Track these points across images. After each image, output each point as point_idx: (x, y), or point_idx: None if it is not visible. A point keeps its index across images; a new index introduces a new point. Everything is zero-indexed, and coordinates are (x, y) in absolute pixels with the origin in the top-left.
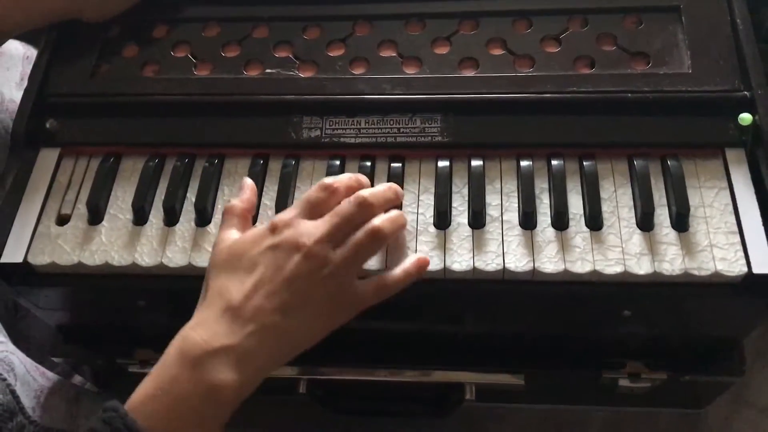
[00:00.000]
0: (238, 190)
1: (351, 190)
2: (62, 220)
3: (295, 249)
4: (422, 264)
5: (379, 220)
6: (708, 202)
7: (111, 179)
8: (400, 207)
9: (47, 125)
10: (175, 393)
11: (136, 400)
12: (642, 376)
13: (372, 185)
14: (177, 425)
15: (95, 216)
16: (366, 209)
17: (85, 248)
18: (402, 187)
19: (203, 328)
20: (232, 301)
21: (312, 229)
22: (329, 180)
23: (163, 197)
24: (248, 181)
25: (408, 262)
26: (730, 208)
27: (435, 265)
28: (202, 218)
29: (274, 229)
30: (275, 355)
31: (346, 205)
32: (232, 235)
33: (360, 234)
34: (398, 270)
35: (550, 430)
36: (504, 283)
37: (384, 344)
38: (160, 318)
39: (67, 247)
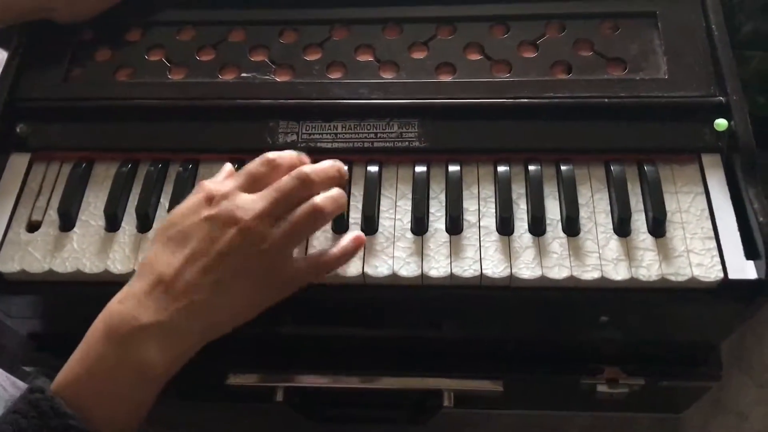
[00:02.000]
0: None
1: (293, 167)
2: (33, 226)
3: (231, 222)
4: (359, 241)
5: (320, 198)
6: (684, 208)
7: (83, 185)
8: (343, 188)
9: (17, 130)
10: (102, 372)
11: (62, 381)
12: (620, 381)
13: (349, 191)
14: (104, 405)
15: (67, 222)
16: (307, 185)
17: (56, 255)
18: (379, 193)
19: (131, 302)
20: (162, 275)
21: (250, 203)
22: (272, 155)
23: (136, 203)
24: (228, 166)
25: (345, 240)
26: (707, 213)
27: (412, 271)
28: None
29: (210, 200)
30: (204, 332)
31: (287, 180)
32: None
33: (299, 211)
34: (335, 248)
35: None
36: (481, 289)
37: (361, 351)
38: None
39: (38, 254)
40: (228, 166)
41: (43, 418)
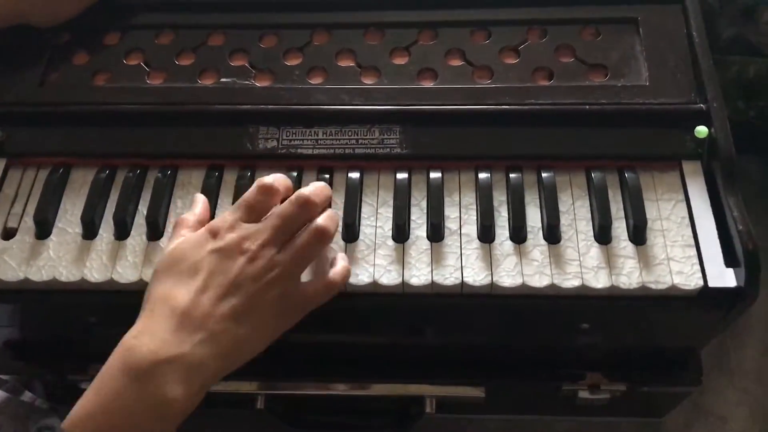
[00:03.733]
0: (191, 205)
1: (289, 190)
2: (8, 234)
3: (239, 253)
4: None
5: (322, 220)
6: (665, 215)
7: (60, 191)
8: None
9: None
10: (119, 409)
11: (75, 418)
12: (601, 387)
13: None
14: None
15: (43, 230)
16: (308, 209)
17: (32, 263)
18: (360, 200)
19: (149, 337)
20: (178, 307)
21: (255, 233)
22: (268, 180)
23: (113, 210)
24: (201, 197)
25: (341, 257)
26: (687, 220)
27: (393, 279)
28: (154, 232)
29: (215, 234)
30: (224, 364)
31: (287, 206)
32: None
33: (305, 235)
34: (337, 267)
35: None
36: (462, 297)
37: (343, 358)
38: (112, 333)
39: (13, 262)
40: (200, 197)
41: None
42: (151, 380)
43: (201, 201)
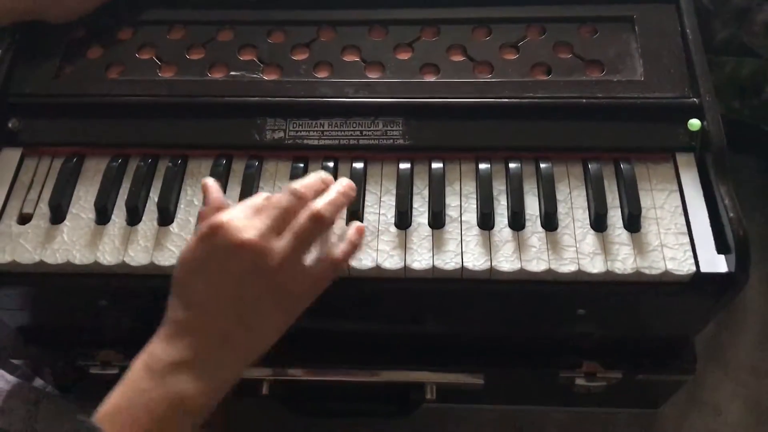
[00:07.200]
0: (203, 193)
1: (318, 194)
2: (24, 219)
3: (237, 247)
4: (361, 231)
5: (320, 204)
6: (659, 204)
7: (74, 179)
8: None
9: (9, 125)
10: (143, 404)
11: (104, 411)
12: (598, 375)
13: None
14: None
15: (57, 215)
16: (299, 198)
17: (47, 247)
18: (364, 189)
19: (165, 342)
20: (179, 316)
21: (249, 223)
22: (297, 185)
23: (125, 197)
24: (209, 182)
25: (350, 233)
26: (680, 210)
27: (395, 263)
28: (165, 218)
29: (213, 231)
30: (238, 361)
31: (280, 195)
32: None
33: (301, 219)
34: (344, 244)
35: (509, 430)
36: (462, 281)
37: (345, 345)
38: (122, 318)
39: (29, 245)
40: (211, 186)
41: None
42: (168, 379)
43: (212, 188)
